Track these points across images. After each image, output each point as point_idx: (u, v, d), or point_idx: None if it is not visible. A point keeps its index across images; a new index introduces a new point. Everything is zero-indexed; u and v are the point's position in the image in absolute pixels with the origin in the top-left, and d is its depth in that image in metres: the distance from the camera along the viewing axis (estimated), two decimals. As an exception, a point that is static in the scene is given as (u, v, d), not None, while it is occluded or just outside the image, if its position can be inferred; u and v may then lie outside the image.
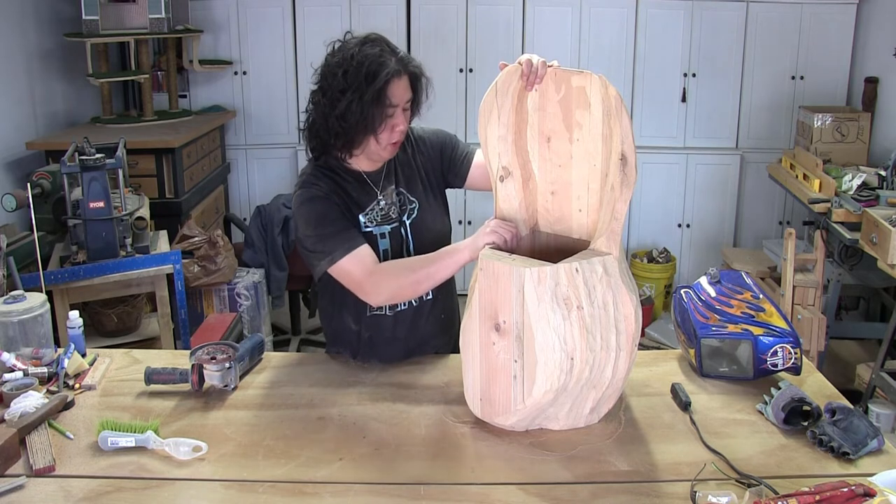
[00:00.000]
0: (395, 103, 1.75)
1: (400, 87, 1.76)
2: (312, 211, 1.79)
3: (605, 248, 1.55)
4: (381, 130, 1.77)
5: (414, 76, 1.80)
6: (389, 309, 1.89)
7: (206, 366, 1.74)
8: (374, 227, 1.86)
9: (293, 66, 4.76)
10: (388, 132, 1.78)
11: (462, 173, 1.97)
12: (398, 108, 1.77)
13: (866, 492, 1.24)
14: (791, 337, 1.77)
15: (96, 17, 4.02)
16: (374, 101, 1.72)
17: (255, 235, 4.04)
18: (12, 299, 1.85)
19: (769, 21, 4.56)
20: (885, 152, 4.00)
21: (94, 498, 1.39)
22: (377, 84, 1.71)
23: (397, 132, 1.79)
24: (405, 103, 1.78)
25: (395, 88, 1.74)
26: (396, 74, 1.74)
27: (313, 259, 1.80)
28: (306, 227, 1.80)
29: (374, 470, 1.48)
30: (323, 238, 1.77)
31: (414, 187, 1.93)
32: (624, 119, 1.51)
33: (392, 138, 1.80)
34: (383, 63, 1.73)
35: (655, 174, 4.72)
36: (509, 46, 4.65)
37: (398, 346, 1.92)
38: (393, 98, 1.74)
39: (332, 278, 1.81)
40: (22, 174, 3.67)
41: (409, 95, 1.79)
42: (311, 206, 1.80)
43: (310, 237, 1.79)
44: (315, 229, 1.78)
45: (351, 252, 1.75)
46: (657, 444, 1.56)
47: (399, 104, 1.76)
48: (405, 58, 1.79)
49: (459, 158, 1.97)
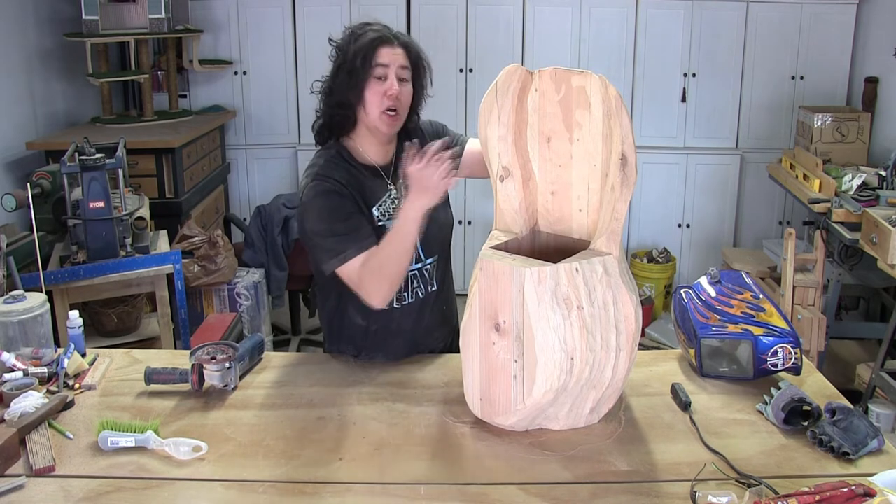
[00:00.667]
0: (384, 62, 1.78)
1: (390, 52, 1.79)
2: (326, 205, 1.78)
3: (605, 248, 1.55)
4: (371, 93, 1.78)
5: (408, 48, 1.83)
6: (397, 301, 1.90)
7: (206, 366, 1.74)
8: (386, 221, 1.86)
9: (293, 66, 4.76)
10: (378, 97, 1.79)
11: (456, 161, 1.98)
12: (389, 70, 1.79)
13: (866, 492, 1.24)
14: (791, 337, 1.77)
15: (96, 17, 4.01)
16: (359, 62, 1.77)
17: (255, 235, 4.04)
18: (12, 299, 1.85)
19: (769, 21, 4.56)
20: (885, 152, 4.00)
21: (94, 498, 1.39)
22: (362, 42, 1.78)
23: (390, 97, 1.79)
24: (399, 69, 1.80)
25: (383, 51, 1.79)
26: (386, 41, 1.79)
27: (323, 255, 1.78)
28: (318, 220, 1.78)
29: (374, 470, 1.48)
30: (335, 235, 1.76)
31: None
32: (624, 119, 1.51)
33: (384, 104, 1.79)
34: (376, 32, 1.81)
35: (655, 174, 4.72)
36: (509, 46, 4.65)
37: (404, 339, 1.93)
38: (381, 58, 1.78)
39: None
40: (22, 174, 3.67)
41: (402, 62, 1.81)
42: (326, 199, 1.78)
43: (321, 233, 1.78)
44: (328, 224, 1.77)
45: (362, 252, 1.75)
46: (657, 444, 1.56)
47: (390, 66, 1.78)
48: (400, 34, 1.85)
49: (452, 145, 1.97)
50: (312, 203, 1.79)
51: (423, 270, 1.92)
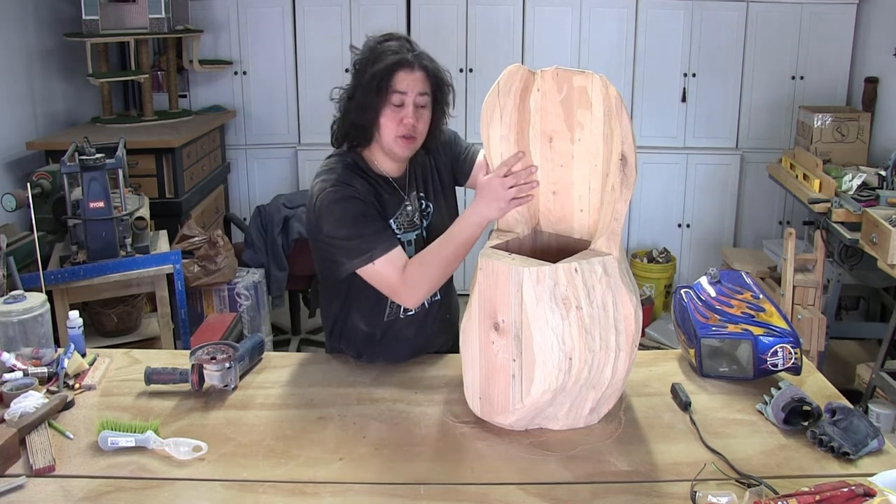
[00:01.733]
0: (401, 90, 1.73)
1: (409, 77, 1.74)
2: (349, 210, 1.74)
3: (606, 248, 1.55)
4: (386, 119, 1.75)
5: (429, 72, 1.77)
6: (403, 312, 1.89)
7: (206, 366, 1.74)
8: (401, 234, 1.84)
9: (293, 66, 4.75)
10: (394, 123, 1.75)
11: (465, 171, 1.98)
12: (407, 97, 1.74)
13: (866, 492, 1.24)
14: (791, 337, 1.77)
15: (96, 17, 4.01)
16: (377, 87, 1.72)
17: (255, 235, 4.04)
18: (12, 299, 1.85)
19: (769, 21, 4.56)
20: (885, 152, 3.99)
21: (94, 498, 1.39)
22: (380, 66, 1.72)
23: (404, 126, 1.75)
24: (417, 96, 1.75)
25: (402, 76, 1.73)
26: (407, 64, 1.73)
27: (346, 256, 1.75)
28: (340, 225, 1.74)
29: (374, 470, 1.48)
30: (361, 237, 1.73)
31: (430, 190, 1.93)
32: (624, 119, 1.51)
33: (399, 131, 1.76)
34: (395, 52, 1.74)
35: (655, 174, 4.72)
36: (509, 46, 4.65)
37: (406, 346, 1.93)
38: (398, 84, 1.73)
39: (346, 278, 1.80)
40: (22, 174, 3.67)
41: (421, 89, 1.76)
42: (347, 204, 1.74)
43: (346, 237, 1.74)
44: (352, 228, 1.73)
45: (389, 252, 1.73)
46: (657, 444, 1.56)
47: (408, 93, 1.74)
48: (423, 54, 1.78)
49: (463, 156, 1.98)
50: (333, 207, 1.75)
51: None
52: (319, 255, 1.87)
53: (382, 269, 1.73)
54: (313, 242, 1.87)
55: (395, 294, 1.76)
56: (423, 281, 1.73)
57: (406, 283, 1.73)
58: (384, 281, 1.75)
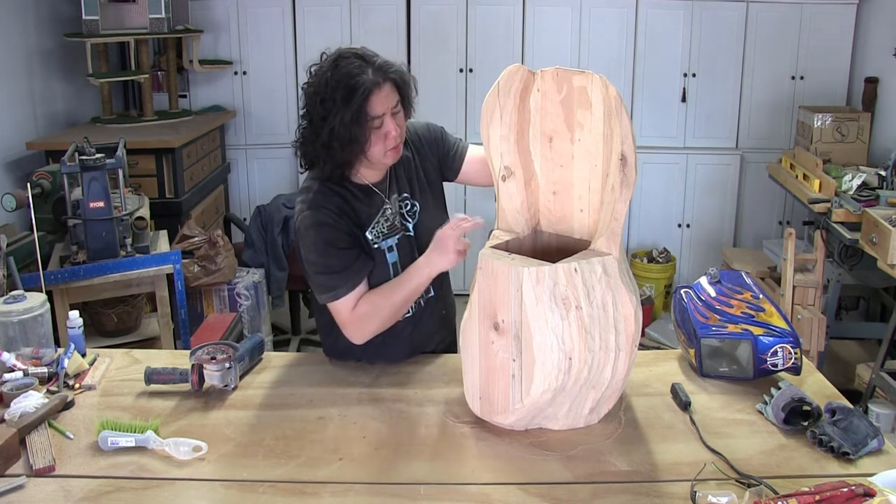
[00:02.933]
0: (378, 114, 1.72)
1: (381, 97, 1.71)
2: (320, 238, 1.77)
3: (605, 248, 1.55)
4: (373, 144, 1.74)
5: (396, 82, 1.75)
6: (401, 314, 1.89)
7: (206, 366, 1.74)
8: (381, 242, 1.84)
9: (293, 66, 4.75)
10: (381, 143, 1.75)
11: (455, 167, 1.98)
12: (384, 117, 1.73)
13: (866, 492, 1.24)
14: (791, 337, 1.77)
15: (96, 17, 4.01)
16: (356, 121, 1.69)
17: (255, 235, 4.04)
18: (12, 299, 1.85)
19: (769, 21, 4.56)
20: (885, 152, 3.99)
21: (94, 498, 1.40)
22: (355, 103, 1.68)
23: (391, 139, 1.75)
24: (392, 109, 1.74)
25: (375, 100, 1.70)
26: (375, 86, 1.70)
27: (317, 288, 1.81)
28: (313, 252, 1.78)
29: (374, 470, 1.48)
30: (328, 272, 1.77)
31: (415, 189, 1.92)
32: (624, 119, 1.51)
33: (388, 145, 1.76)
34: (358, 79, 1.69)
35: (655, 174, 4.72)
36: (509, 46, 4.65)
37: (403, 345, 1.93)
38: (374, 111, 1.71)
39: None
40: (22, 174, 3.67)
41: (393, 101, 1.75)
42: (319, 232, 1.77)
43: (316, 266, 1.79)
44: (322, 258, 1.77)
45: (352, 291, 1.78)
46: (657, 444, 1.56)
47: (384, 112, 1.73)
48: (384, 65, 1.74)
49: (451, 152, 1.97)
50: (307, 234, 1.78)
51: None
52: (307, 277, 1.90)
53: (341, 307, 1.79)
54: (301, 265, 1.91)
55: (344, 329, 1.82)
56: (370, 322, 1.79)
57: (354, 322, 1.80)
58: (339, 316, 1.81)
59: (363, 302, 1.79)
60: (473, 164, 1.96)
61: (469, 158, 1.97)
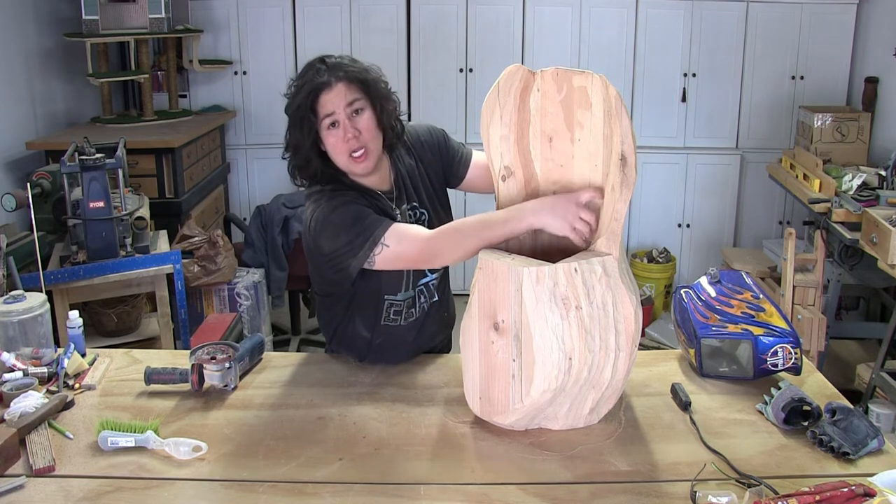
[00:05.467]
0: (328, 112, 1.69)
1: (331, 97, 1.69)
2: (346, 214, 1.70)
3: (606, 248, 1.55)
4: (332, 145, 1.72)
5: (350, 80, 1.70)
6: (405, 319, 1.88)
7: (206, 366, 1.74)
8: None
9: (293, 66, 4.75)
10: (341, 143, 1.71)
11: (459, 174, 1.96)
12: (338, 115, 1.70)
13: (866, 492, 1.24)
14: (791, 337, 1.77)
15: (96, 16, 4.01)
16: (305, 124, 1.70)
17: (255, 235, 4.04)
18: (12, 299, 1.85)
19: (769, 21, 4.56)
20: (885, 152, 3.99)
21: (94, 498, 1.39)
22: (301, 106, 1.69)
23: (348, 142, 1.70)
24: (345, 109, 1.70)
25: (324, 100, 1.68)
26: (321, 87, 1.68)
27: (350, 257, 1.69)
28: (338, 231, 1.69)
29: (374, 470, 1.48)
30: (363, 231, 1.68)
31: (423, 197, 1.90)
32: (624, 119, 1.51)
33: (350, 148, 1.71)
34: (306, 81, 1.69)
35: (655, 174, 4.72)
36: (509, 46, 4.65)
37: (406, 349, 1.92)
38: (323, 108, 1.69)
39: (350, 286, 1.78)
40: (22, 174, 3.67)
41: (347, 100, 1.70)
42: (344, 210, 1.70)
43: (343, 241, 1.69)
44: (352, 229, 1.68)
45: (389, 230, 1.67)
46: (657, 444, 1.56)
47: (336, 111, 1.69)
48: (338, 65, 1.71)
49: (455, 158, 1.95)
50: (331, 218, 1.71)
51: (430, 285, 1.91)
52: (320, 273, 1.84)
53: (394, 248, 1.66)
54: (314, 265, 1.85)
55: (418, 262, 1.70)
56: (458, 248, 1.64)
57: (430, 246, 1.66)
58: (402, 256, 1.68)
59: (449, 227, 1.66)
60: (477, 170, 1.94)
61: (474, 165, 1.95)
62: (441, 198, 1.95)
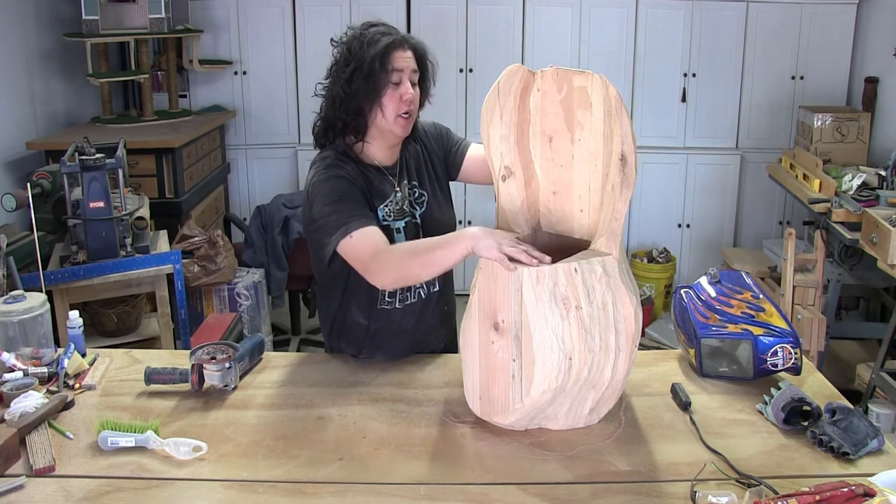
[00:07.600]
0: (398, 67, 1.79)
1: (403, 55, 1.81)
2: (336, 187, 1.78)
3: (606, 248, 1.55)
4: (388, 98, 1.79)
5: (416, 51, 1.85)
6: (399, 301, 1.90)
7: (206, 366, 1.74)
8: (391, 221, 1.86)
9: (293, 66, 4.76)
10: (395, 101, 1.80)
11: (456, 164, 2.01)
12: (403, 75, 1.80)
13: (866, 492, 1.24)
14: (791, 337, 1.77)
15: (96, 17, 4.01)
16: (376, 68, 1.77)
17: (255, 235, 4.04)
18: (12, 299, 1.85)
19: (769, 21, 4.56)
20: (885, 152, 3.99)
21: (94, 498, 1.39)
22: (378, 48, 1.78)
23: (405, 101, 1.81)
24: (411, 73, 1.82)
25: (398, 55, 1.80)
26: (399, 44, 1.81)
27: (326, 235, 1.74)
28: (324, 201, 1.77)
29: (374, 470, 1.48)
30: (340, 212, 1.75)
31: (423, 180, 1.96)
32: (624, 119, 1.51)
33: (401, 108, 1.81)
34: (385, 33, 1.82)
35: (655, 174, 4.72)
36: (509, 46, 4.65)
37: (404, 338, 1.93)
38: (396, 63, 1.79)
39: (344, 270, 1.80)
40: (22, 174, 3.67)
41: (413, 66, 1.83)
42: (335, 183, 1.79)
43: (325, 212, 1.76)
44: (335, 204, 1.76)
45: (365, 227, 1.72)
46: (657, 444, 1.56)
47: (404, 70, 1.80)
48: (408, 35, 1.86)
49: (455, 149, 2.02)
50: (321, 186, 1.79)
51: None
52: (312, 247, 1.87)
53: (357, 242, 1.71)
54: (307, 234, 1.89)
55: (365, 270, 1.72)
56: (393, 266, 1.68)
57: (376, 262, 1.68)
58: (355, 255, 1.72)
59: (393, 247, 1.71)
60: (473, 161, 1.99)
61: (469, 156, 2.00)
62: (442, 185, 2.01)
